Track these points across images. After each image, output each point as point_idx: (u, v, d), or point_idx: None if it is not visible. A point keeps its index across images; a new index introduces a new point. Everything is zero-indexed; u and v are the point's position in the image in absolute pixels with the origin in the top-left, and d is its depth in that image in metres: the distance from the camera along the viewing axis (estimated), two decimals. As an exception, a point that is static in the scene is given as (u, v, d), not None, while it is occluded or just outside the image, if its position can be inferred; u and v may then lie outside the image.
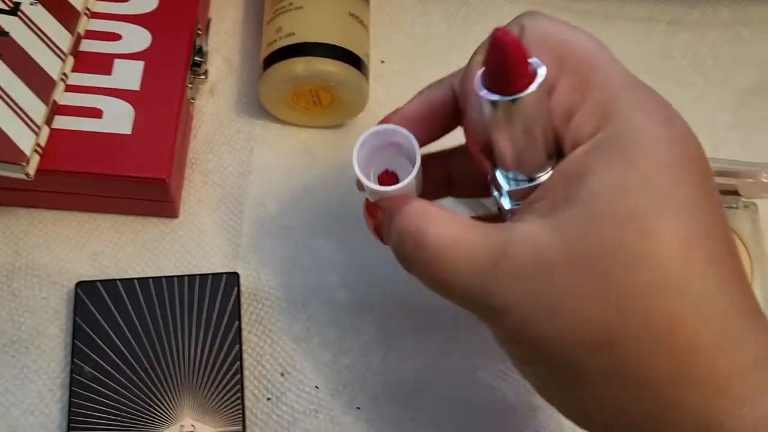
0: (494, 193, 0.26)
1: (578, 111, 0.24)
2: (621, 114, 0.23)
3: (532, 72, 0.22)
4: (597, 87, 0.23)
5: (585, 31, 0.25)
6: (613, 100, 0.23)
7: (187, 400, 0.33)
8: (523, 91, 0.22)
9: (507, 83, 0.22)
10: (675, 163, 0.22)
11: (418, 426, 0.35)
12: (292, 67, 0.35)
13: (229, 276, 0.35)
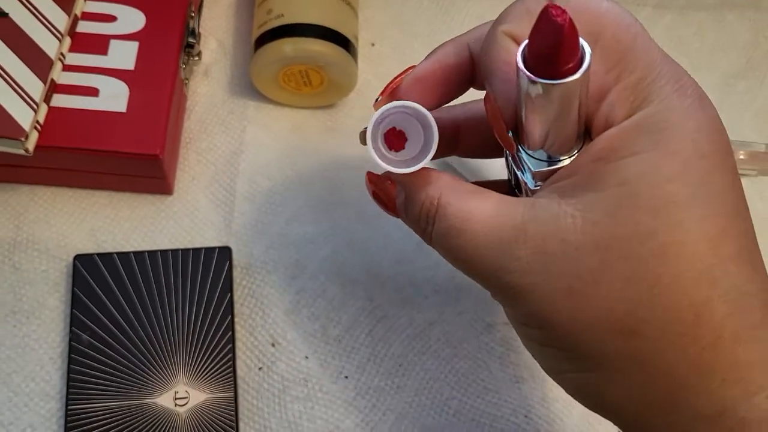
0: (515, 170, 0.25)
1: (612, 91, 0.22)
2: (658, 97, 0.22)
3: (581, 54, 0.20)
4: (633, 67, 0.22)
5: (619, 4, 0.24)
6: (650, 82, 0.22)
7: (180, 368, 0.34)
8: (572, 76, 0.20)
9: (557, 66, 0.20)
10: (711, 151, 0.22)
11: (404, 395, 0.36)
12: (282, 47, 0.37)
13: (222, 250, 0.36)
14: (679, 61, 0.46)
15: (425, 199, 0.25)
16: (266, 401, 0.35)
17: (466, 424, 0.36)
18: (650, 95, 0.22)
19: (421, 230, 0.25)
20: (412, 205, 0.25)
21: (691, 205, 0.21)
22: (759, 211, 0.43)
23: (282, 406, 0.35)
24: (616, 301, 0.21)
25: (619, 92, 0.22)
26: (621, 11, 0.23)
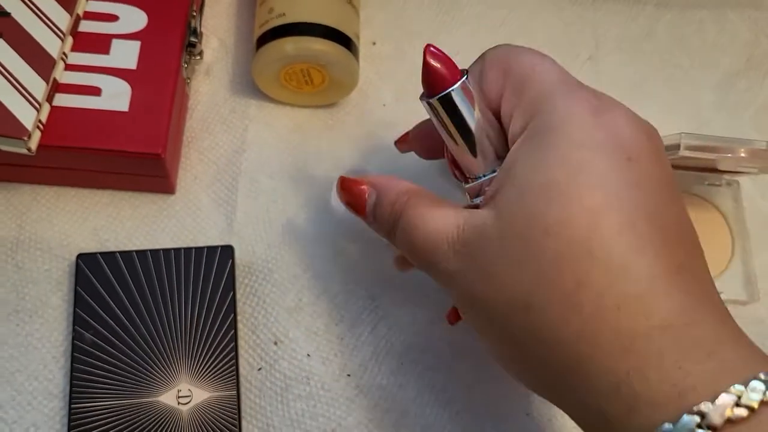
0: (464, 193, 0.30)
1: (514, 113, 0.27)
2: (548, 107, 0.25)
3: (457, 77, 0.27)
4: (529, 89, 0.26)
5: (537, 51, 0.28)
6: (543, 97, 0.26)
7: (183, 367, 0.34)
8: (446, 90, 0.27)
9: (431, 87, 0.28)
10: (594, 144, 0.24)
11: (406, 393, 0.36)
12: (283, 46, 0.37)
13: (224, 249, 0.36)
14: (680, 60, 0.47)
15: (396, 200, 0.29)
16: (269, 399, 0.35)
17: (468, 423, 0.36)
18: (541, 107, 0.26)
19: (388, 227, 0.30)
20: (383, 204, 0.30)
21: (569, 185, 0.23)
22: (761, 208, 0.44)
23: (284, 404, 0.35)
24: (516, 281, 0.24)
25: (518, 112, 0.26)
26: (532, 53, 0.28)
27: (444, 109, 0.28)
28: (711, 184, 0.43)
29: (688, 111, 0.46)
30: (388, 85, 0.43)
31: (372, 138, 0.41)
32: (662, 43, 0.47)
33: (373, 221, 0.31)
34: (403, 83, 0.43)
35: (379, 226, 0.30)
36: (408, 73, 0.43)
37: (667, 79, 0.46)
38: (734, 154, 0.37)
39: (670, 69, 0.46)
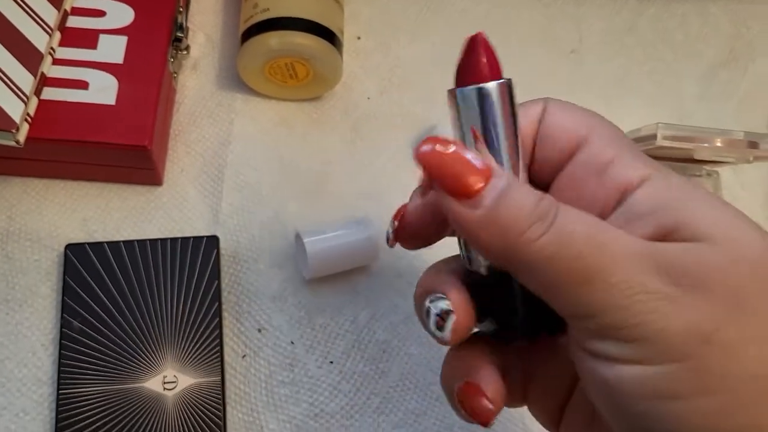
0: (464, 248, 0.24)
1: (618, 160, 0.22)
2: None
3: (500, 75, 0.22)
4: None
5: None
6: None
7: (169, 353, 0.35)
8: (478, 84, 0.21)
9: (470, 75, 0.22)
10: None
11: (388, 380, 0.37)
12: (267, 40, 0.37)
13: (209, 239, 0.37)
14: (663, 52, 0.47)
15: (546, 197, 0.21)
16: (253, 385, 0.36)
17: (448, 408, 0.36)
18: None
19: (533, 220, 0.20)
20: (527, 194, 0.20)
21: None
22: (741, 198, 0.44)
23: (268, 390, 0.36)
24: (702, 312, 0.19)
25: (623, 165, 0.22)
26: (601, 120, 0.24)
27: (479, 102, 0.22)
28: (692, 175, 0.44)
29: (671, 103, 0.46)
30: (372, 79, 0.43)
31: (357, 131, 0.42)
32: (645, 36, 0.48)
33: (489, 210, 0.20)
34: (387, 77, 0.44)
35: (497, 216, 0.20)
36: (392, 67, 0.44)
37: (651, 72, 0.47)
38: (711, 144, 0.37)
39: (653, 62, 0.47)
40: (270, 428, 0.35)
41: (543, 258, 0.19)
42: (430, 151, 0.20)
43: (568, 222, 0.19)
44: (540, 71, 0.45)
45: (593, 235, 0.19)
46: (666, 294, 0.19)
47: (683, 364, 0.18)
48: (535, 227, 0.19)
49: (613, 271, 0.19)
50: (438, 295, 0.22)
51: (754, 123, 0.46)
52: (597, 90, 0.46)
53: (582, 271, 0.19)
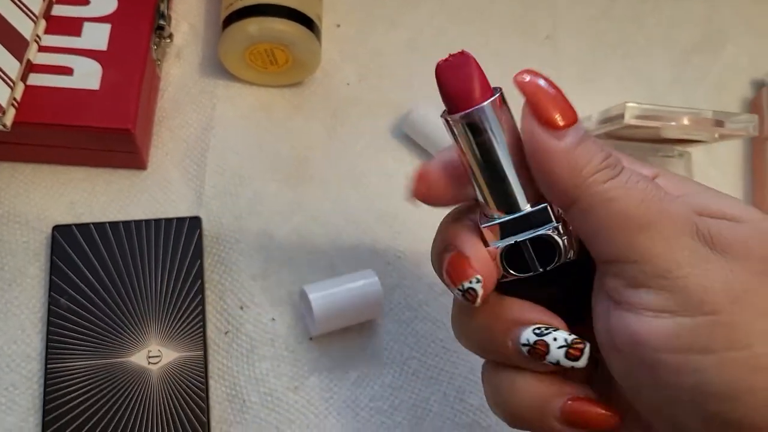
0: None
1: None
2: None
3: (488, 94, 0.22)
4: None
5: None
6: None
7: (153, 329, 0.36)
8: (473, 108, 0.21)
9: (455, 102, 0.22)
10: None
11: (366, 355, 0.38)
12: (247, 27, 0.39)
13: (192, 220, 0.38)
14: (636, 37, 0.49)
15: (614, 152, 0.22)
16: (235, 360, 0.37)
17: (424, 382, 0.38)
18: None
19: (603, 166, 0.21)
20: (601, 146, 0.22)
21: None
22: (712, 177, 0.45)
23: (250, 364, 0.37)
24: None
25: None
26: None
27: (467, 130, 0.22)
28: (665, 155, 0.45)
29: (644, 87, 0.47)
30: (352, 66, 0.45)
31: (336, 116, 0.43)
32: (619, 21, 0.49)
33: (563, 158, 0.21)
34: (366, 63, 0.45)
35: (569, 167, 0.21)
36: (371, 53, 0.45)
37: (624, 57, 0.48)
38: (678, 123, 0.38)
39: (627, 47, 0.48)
40: (252, 401, 0.36)
41: (607, 199, 0.21)
42: (530, 80, 0.22)
43: (633, 175, 0.21)
44: (515, 56, 0.46)
45: (653, 190, 0.21)
46: (705, 255, 0.20)
47: (716, 318, 0.20)
48: (605, 172, 0.21)
49: (669, 224, 0.21)
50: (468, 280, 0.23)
51: (726, 107, 0.47)
52: (572, 74, 0.47)
53: (641, 217, 0.21)
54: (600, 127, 0.40)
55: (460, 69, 0.22)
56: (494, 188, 0.22)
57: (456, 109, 0.22)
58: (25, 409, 0.35)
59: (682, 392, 0.20)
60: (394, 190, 0.42)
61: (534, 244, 0.22)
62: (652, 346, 0.20)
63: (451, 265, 0.23)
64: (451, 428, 0.37)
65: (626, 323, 0.21)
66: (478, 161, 0.22)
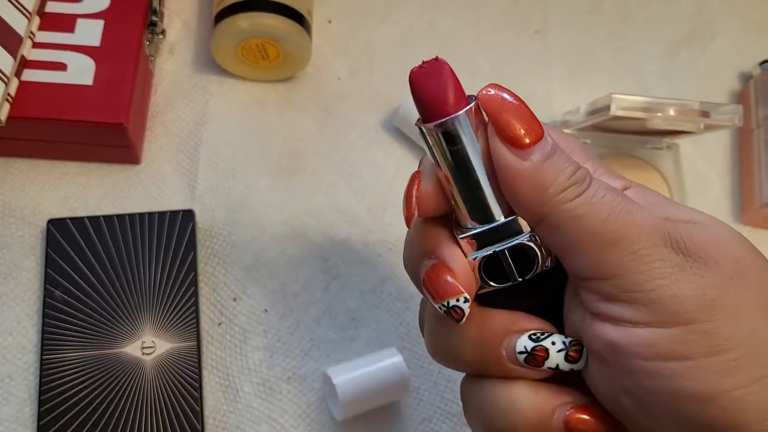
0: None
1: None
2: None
3: (462, 102, 0.21)
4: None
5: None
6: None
7: (147, 321, 0.37)
8: (448, 117, 0.21)
9: (428, 110, 0.21)
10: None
11: (357, 346, 0.38)
12: (238, 22, 0.39)
13: (185, 213, 0.39)
14: (625, 32, 0.49)
15: (582, 167, 0.22)
16: (228, 351, 0.38)
17: (414, 371, 0.38)
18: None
19: (570, 183, 0.21)
20: (567, 161, 0.22)
21: None
22: (700, 168, 0.46)
23: (243, 355, 0.38)
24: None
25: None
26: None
27: (442, 139, 0.21)
28: (653, 147, 0.45)
29: (634, 80, 0.48)
30: (343, 61, 0.45)
31: (328, 110, 0.44)
32: (608, 15, 0.49)
33: (539, 165, 0.21)
34: (357, 58, 0.45)
35: (545, 174, 0.21)
36: (361, 48, 0.46)
37: (614, 50, 0.48)
38: (664, 114, 0.39)
39: (616, 40, 0.49)
40: (245, 391, 0.37)
41: (574, 216, 0.21)
42: (494, 95, 0.21)
43: (600, 189, 0.21)
44: (506, 50, 0.47)
45: (620, 203, 0.21)
46: (677, 263, 0.20)
47: (690, 327, 0.20)
48: (571, 189, 0.21)
49: (636, 238, 0.20)
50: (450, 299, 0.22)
51: (714, 99, 0.48)
52: (562, 68, 0.47)
53: (608, 233, 0.21)
54: (587, 119, 0.41)
55: (435, 76, 0.21)
56: (469, 198, 0.22)
57: (430, 117, 0.21)
58: (21, 400, 0.35)
59: (659, 396, 0.20)
60: (384, 182, 0.42)
61: (512, 253, 0.22)
62: (630, 353, 0.21)
63: (433, 278, 0.22)
64: (441, 417, 0.38)
65: (604, 332, 0.21)
66: (452, 171, 0.22)
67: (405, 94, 0.44)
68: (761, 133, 0.45)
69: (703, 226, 0.22)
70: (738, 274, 0.21)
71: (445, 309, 0.22)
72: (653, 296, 0.20)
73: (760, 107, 0.46)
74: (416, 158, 0.43)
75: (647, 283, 0.20)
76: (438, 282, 0.22)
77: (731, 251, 0.21)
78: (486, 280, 0.22)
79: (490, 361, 0.23)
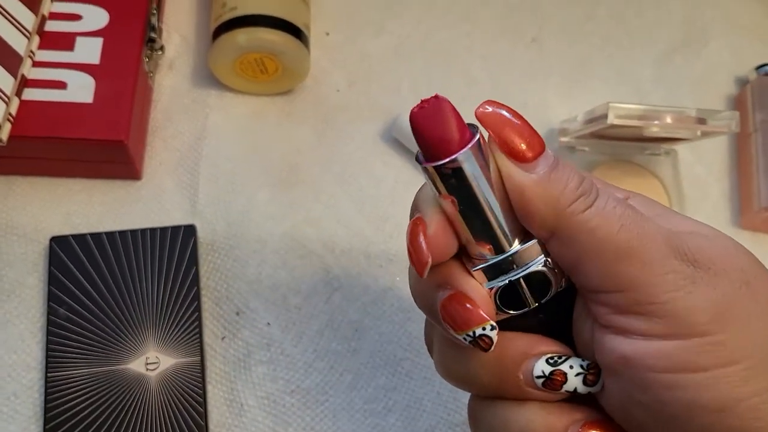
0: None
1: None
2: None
3: (466, 137, 0.21)
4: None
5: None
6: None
7: (151, 336, 0.37)
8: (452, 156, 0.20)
9: (430, 151, 0.21)
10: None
11: (360, 357, 0.39)
12: (236, 37, 0.39)
13: (187, 228, 0.39)
14: (621, 38, 0.49)
15: (588, 177, 0.22)
16: (232, 365, 0.38)
17: (417, 383, 0.38)
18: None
19: (578, 194, 0.21)
20: (573, 171, 0.22)
21: None
22: (698, 174, 0.46)
23: (247, 369, 0.38)
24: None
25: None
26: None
27: (448, 178, 0.21)
28: (651, 154, 0.46)
29: (629, 86, 0.48)
30: (341, 72, 0.45)
31: (327, 122, 0.44)
32: (603, 23, 0.50)
33: (546, 178, 0.21)
34: (355, 70, 0.46)
35: (551, 187, 0.21)
36: (359, 60, 0.46)
37: (609, 58, 0.49)
38: (661, 121, 0.39)
39: (611, 48, 0.49)
40: (249, 404, 0.37)
41: (588, 229, 0.21)
42: (492, 111, 0.21)
43: (609, 200, 0.21)
44: (502, 59, 0.47)
45: (631, 215, 0.21)
46: (688, 274, 0.20)
47: (705, 339, 0.20)
48: (581, 200, 0.21)
49: (649, 249, 0.20)
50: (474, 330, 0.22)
51: (710, 104, 0.48)
52: (558, 76, 0.48)
53: (622, 245, 0.20)
54: (585, 128, 0.41)
55: (435, 116, 0.21)
56: (481, 231, 0.22)
57: (434, 156, 0.21)
58: (26, 418, 0.35)
59: (674, 408, 0.20)
60: (384, 193, 0.43)
61: (527, 280, 0.22)
62: (645, 366, 0.20)
63: (453, 308, 0.22)
64: (445, 427, 0.38)
65: (616, 345, 0.21)
66: (461, 207, 0.21)
67: (403, 105, 0.45)
68: (759, 137, 0.45)
69: (708, 238, 0.22)
70: (746, 284, 0.21)
71: (471, 339, 0.22)
72: (668, 308, 0.20)
73: (757, 111, 0.46)
74: (415, 169, 0.43)
75: (662, 295, 0.20)
76: (459, 312, 0.22)
77: (737, 261, 0.21)
78: (502, 308, 0.22)
79: (507, 384, 0.23)
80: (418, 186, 0.23)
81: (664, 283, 0.20)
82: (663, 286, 0.20)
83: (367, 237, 0.41)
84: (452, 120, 0.21)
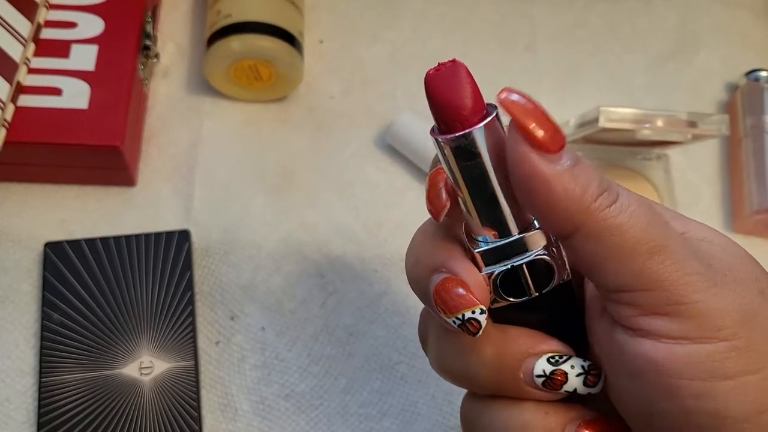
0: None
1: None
2: None
3: (482, 111, 0.20)
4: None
5: None
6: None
7: (145, 341, 0.37)
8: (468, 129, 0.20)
9: (447, 122, 0.20)
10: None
11: (355, 361, 0.38)
12: (230, 44, 0.40)
13: (181, 233, 0.39)
14: (612, 45, 0.50)
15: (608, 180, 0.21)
16: (226, 370, 0.38)
17: (412, 386, 0.38)
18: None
19: (602, 190, 0.20)
20: (594, 168, 0.21)
21: None
22: (690, 178, 0.46)
23: (241, 373, 0.38)
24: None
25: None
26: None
27: (460, 153, 0.20)
28: (643, 158, 0.46)
29: (621, 93, 0.49)
30: (335, 79, 0.46)
31: (321, 128, 0.44)
32: (595, 31, 0.50)
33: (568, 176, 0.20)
34: (349, 77, 0.46)
35: (573, 182, 0.20)
36: (354, 67, 0.47)
37: (601, 64, 0.49)
38: (652, 125, 0.39)
39: (604, 55, 0.49)
40: (244, 409, 0.37)
41: (615, 225, 0.20)
42: (517, 99, 0.20)
43: (632, 197, 0.20)
44: (495, 67, 0.48)
45: (654, 213, 0.20)
46: (711, 276, 0.20)
47: (730, 344, 0.19)
48: (605, 196, 0.20)
49: (676, 247, 0.20)
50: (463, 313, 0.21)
51: (701, 110, 0.48)
52: (551, 82, 0.48)
53: (651, 242, 0.19)
54: (577, 132, 0.41)
55: (451, 80, 0.20)
56: (487, 212, 0.21)
57: (447, 124, 0.20)
58: (19, 423, 0.35)
59: (700, 418, 0.20)
60: (379, 198, 0.43)
61: (530, 267, 0.21)
62: (672, 372, 0.20)
63: (445, 291, 0.21)
64: (440, 431, 0.38)
65: (642, 350, 0.20)
66: (470, 185, 0.21)
67: (397, 112, 0.45)
68: (749, 141, 0.46)
69: (721, 246, 0.21)
70: (761, 293, 0.20)
71: (459, 322, 0.21)
72: (700, 308, 0.19)
73: (747, 116, 0.46)
74: (410, 174, 0.43)
75: (692, 294, 0.19)
76: (450, 295, 0.21)
77: (752, 270, 0.21)
78: (503, 295, 0.22)
79: (506, 382, 0.22)
80: (413, 192, 0.23)
81: (693, 283, 0.20)
82: (693, 285, 0.20)
83: (362, 242, 0.42)
84: (468, 86, 0.20)
